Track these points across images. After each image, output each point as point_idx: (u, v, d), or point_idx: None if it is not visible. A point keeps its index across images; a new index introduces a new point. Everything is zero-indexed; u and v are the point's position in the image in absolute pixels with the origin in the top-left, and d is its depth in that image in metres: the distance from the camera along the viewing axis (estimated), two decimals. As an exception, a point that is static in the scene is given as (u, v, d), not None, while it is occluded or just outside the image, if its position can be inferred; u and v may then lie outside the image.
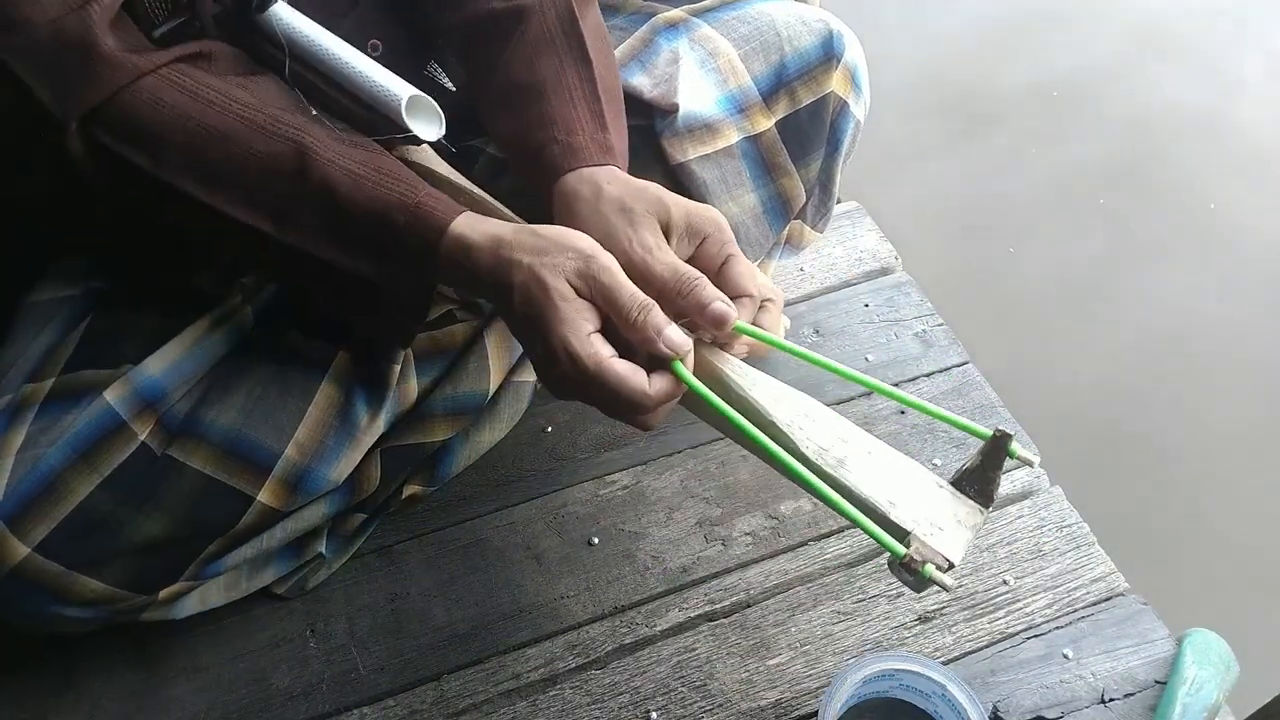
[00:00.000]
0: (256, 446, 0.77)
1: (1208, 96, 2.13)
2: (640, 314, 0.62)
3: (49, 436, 0.71)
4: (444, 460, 0.91)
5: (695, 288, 0.64)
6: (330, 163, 0.66)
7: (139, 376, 0.75)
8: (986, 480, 0.65)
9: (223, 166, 0.67)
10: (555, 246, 0.63)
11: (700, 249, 0.69)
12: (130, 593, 0.75)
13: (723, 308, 0.64)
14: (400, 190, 0.66)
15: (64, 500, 0.71)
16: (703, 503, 0.96)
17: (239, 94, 0.68)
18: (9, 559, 0.69)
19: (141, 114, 0.66)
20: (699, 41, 0.89)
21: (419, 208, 0.65)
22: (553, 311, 0.61)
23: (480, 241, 0.64)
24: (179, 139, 0.66)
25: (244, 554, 0.81)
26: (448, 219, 0.65)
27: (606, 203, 0.68)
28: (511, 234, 0.64)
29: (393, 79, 0.70)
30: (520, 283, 0.63)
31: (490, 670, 0.85)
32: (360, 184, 0.66)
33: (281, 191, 0.67)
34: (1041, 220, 1.89)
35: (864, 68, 0.91)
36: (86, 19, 0.63)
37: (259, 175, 0.66)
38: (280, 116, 0.68)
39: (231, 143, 0.66)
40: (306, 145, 0.66)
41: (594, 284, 0.62)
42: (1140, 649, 0.85)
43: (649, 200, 0.68)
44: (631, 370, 0.62)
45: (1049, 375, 1.61)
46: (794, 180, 0.89)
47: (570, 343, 0.61)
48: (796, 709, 0.82)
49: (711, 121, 0.86)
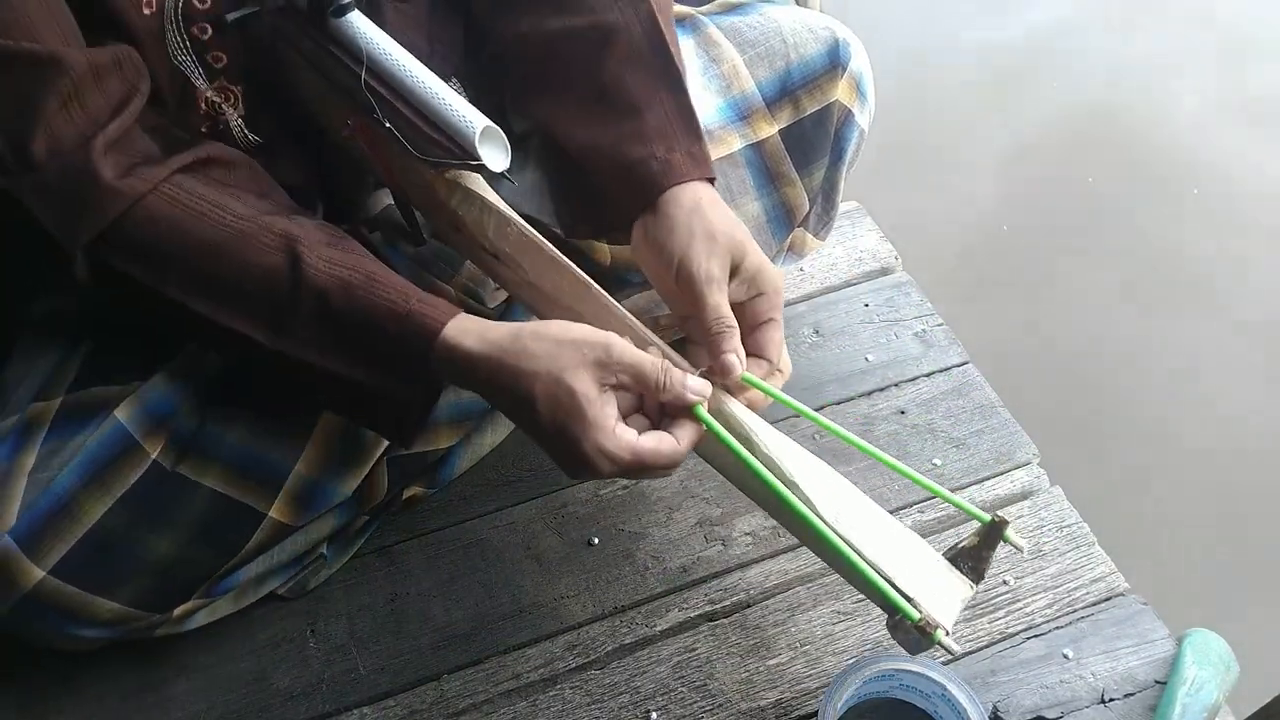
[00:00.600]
0: (267, 463, 0.77)
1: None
2: (665, 377, 0.65)
3: (60, 458, 0.71)
4: (446, 463, 0.91)
5: (725, 333, 0.69)
6: (322, 272, 0.67)
7: (150, 393, 0.75)
8: (980, 560, 0.69)
9: (219, 280, 0.68)
10: (565, 346, 0.64)
11: (751, 301, 0.73)
12: (145, 612, 0.75)
13: (734, 360, 0.69)
14: (390, 298, 0.67)
15: (78, 522, 0.71)
16: (703, 503, 0.96)
17: (233, 205, 0.69)
18: (24, 582, 0.69)
19: (141, 234, 0.67)
20: (704, 45, 0.89)
21: (409, 316, 0.66)
22: (582, 418, 0.63)
23: (480, 350, 0.65)
24: (176, 255, 0.67)
25: (254, 569, 0.81)
26: (439, 325, 0.66)
27: (699, 223, 0.71)
28: (512, 340, 0.65)
29: (468, 106, 0.70)
30: (543, 393, 0.63)
31: (490, 670, 0.85)
32: (352, 292, 0.67)
33: (277, 302, 0.67)
34: (1043, 216, 1.89)
35: (870, 76, 0.90)
36: (89, 153, 0.64)
37: (254, 287, 0.67)
38: (273, 225, 0.68)
39: (227, 256, 0.67)
40: (299, 254, 0.67)
41: (618, 366, 0.64)
42: (1140, 649, 0.85)
43: (733, 238, 0.71)
44: (658, 439, 0.65)
45: (1049, 375, 1.61)
46: (798, 189, 0.89)
47: (603, 445, 0.63)
48: (796, 709, 0.82)
49: (713, 129, 0.85)
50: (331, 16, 0.71)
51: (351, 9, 0.72)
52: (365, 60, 0.71)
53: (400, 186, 0.81)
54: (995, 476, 0.98)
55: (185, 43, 0.72)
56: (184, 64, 0.73)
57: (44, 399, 0.73)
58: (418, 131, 0.70)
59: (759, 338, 0.73)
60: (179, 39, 0.71)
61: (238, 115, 0.77)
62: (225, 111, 0.76)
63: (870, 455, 0.73)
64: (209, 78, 0.74)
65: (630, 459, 0.64)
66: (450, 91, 0.71)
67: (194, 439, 0.76)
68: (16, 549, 0.69)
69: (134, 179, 0.66)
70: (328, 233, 0.71)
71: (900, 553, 0.69)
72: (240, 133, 0.78)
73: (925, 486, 0.72)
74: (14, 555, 0.69)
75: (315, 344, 0.68)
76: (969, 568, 0.69)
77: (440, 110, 0.70)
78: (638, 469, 0.65)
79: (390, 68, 0.71)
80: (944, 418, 1.03)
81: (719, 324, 0.69)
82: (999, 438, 1.01)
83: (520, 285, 0.75)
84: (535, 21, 0.80)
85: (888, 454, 0.73)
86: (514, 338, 0.65)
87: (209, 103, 0.75)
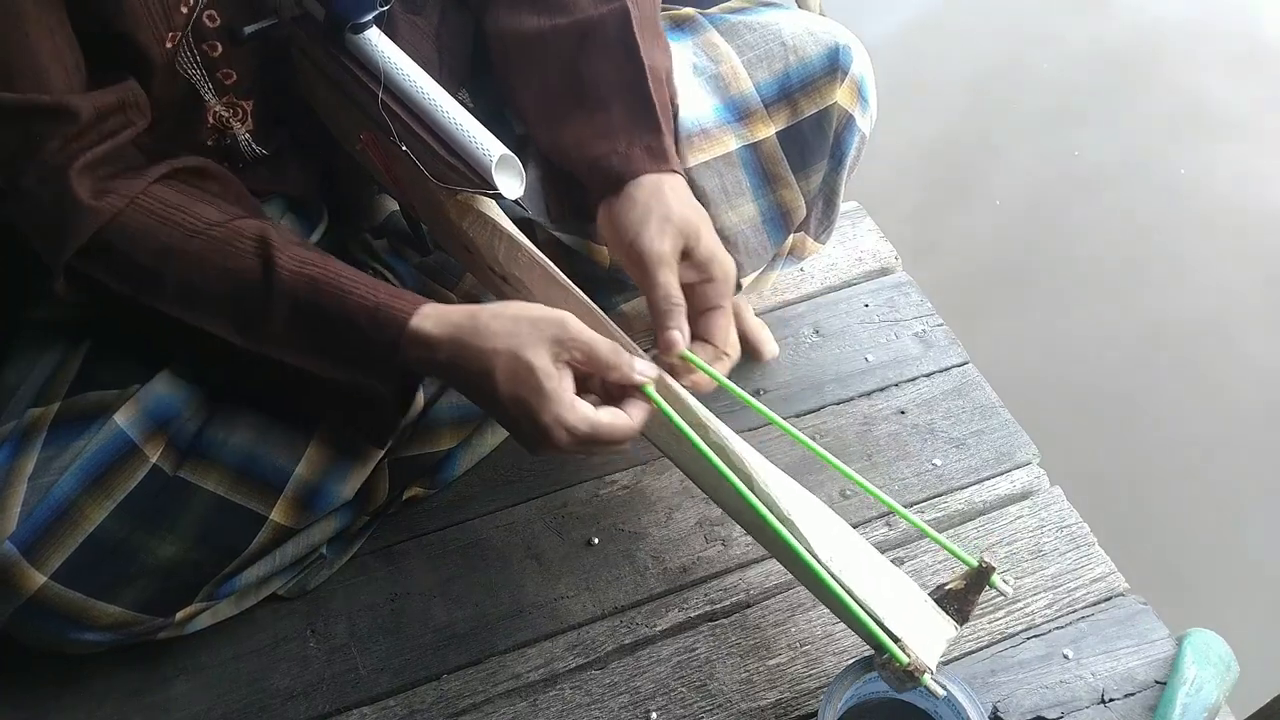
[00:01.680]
0: (268, 465, 0.77)
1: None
2: (615, 356, 0.67)
3: (60, 463, 0.71)
4: (446, 464, 0.91)
5: (670, 310, 0.72)
6: (293, 271, 0.68)
7: (149, 396, 0.75)
8: (966, 602, 0.71)
9: (195, 285, 0.69)
10: (523, 323, 0.66)
11: (701, 285, 0.75)
12: (147, 616, 0.75)
13: (676, 336, 0.72)
14: (360, 293, 0.68)
15: (79, 527, 0.71)
16: (703, 503, 0.95)
17: (206, 211, 0.70)
18: (26, 587, 0.70)
19: (118, 247, 0.68)
20: (703, 46, 0.89)
21: (378, 309, 0.67)
22: (540, 391, 0.65)
23: (440, 333, 0.67)
24: (152, 264, 0.69)
25: (256, 572, 0.81)
26: (407, 315, 0.67)
27: (656, 205, 0.73)
28: (470, 320, 0.67)
29: (485, 133, 0.71)
30: (502, 368, 0.65)
31: (490, 670, 0.85)
32: (321, 288, 0.68)
33: (251, 304, 0.69)
34: (1045, 212, 1.89)
35: (871, 80, 0.90)
36: (68, 174, 0.66)
37: (229, 290, 0.69)
38: (245, 228, 0.70)
39: (201, 261, 0.69)
40: (271, 256, 0.68)
41: (574, 344, 0.66)
42: (1140, 649, 0.85)
43: (688, 222, 0.74)
44: (612, 414, 0.67)
45: (1049, 375, 1.61)
46: (794, 191, 0.89)
47: (563, 417, 0.65)
48: (796, 709, 0.82)
49: (709, 128, 0.85)
50: (349, 33, 0.72)
51: (370, 26, 0.72)
52: (383, 80, 0.71)
53: (410, 201, 0.81)
54: (995, 476, 0.98)
55: (196, 58, 0.72)
56: (194, 78, 0.73)
57: (43, 403, 0.73)
58: (434, 155, 0.71)
59: (707, 322, 0.75)
60: (190, 54, 0.72)
61: (245, 130, 0.77)
62: (233, 126, 0.77)
63: (824, 461, 0.75)
64: (218, 93, 0.75)
65: (587, 430, 0.66)
66: (467, 116, 0.71)
67: (194, 443, 0.76)
68: (17, 554, 0.69)
69: (111, 196, 0.68)
70: (296, 234, 0.73)
71: (887, 591, 0.70)
72: (248, 146, 0.79)
73: (896, 509, 0.75)
74: (15, 561, 0.69)
75: (290, 343, 0.69)
76: (954, 610, 0.71)
77: (457, 136, 0.71)
78: (592, 442, 0.67)
79: (408, 89, 0.72)
80: (944, 418, 1.03)
81: (665, 301, 0.72)
82: (999, 438, 1.01)
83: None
84: (514, 19, 0.82)
85: (887, 455, 0.74)
86: (472, 317, 0.67)
87: (217, 116, 0.76)
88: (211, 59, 0.73)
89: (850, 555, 0.71)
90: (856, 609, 0.68)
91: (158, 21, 0.68)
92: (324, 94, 0.76)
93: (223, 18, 0.71)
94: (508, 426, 0.70)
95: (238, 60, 0.74)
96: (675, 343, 0.71)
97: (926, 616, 0.70)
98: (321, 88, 0.76)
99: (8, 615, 0.71)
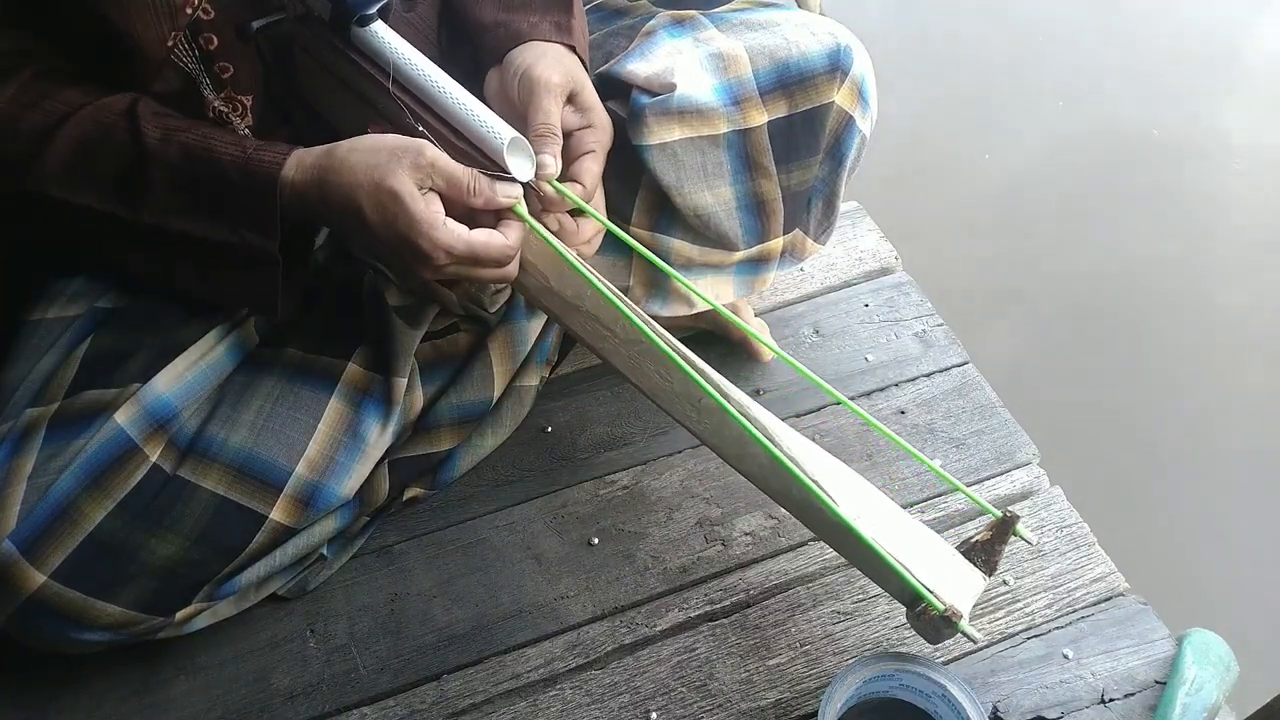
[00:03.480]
0: (268, 465, 0.77)
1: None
2: (474, 180, 0.68)
3: (59, 462, 0.71)
4: (447, 464, 0.91)
5: (548, 138, 0.73)
6: (159, 138, 0.69)
7: (149, 395, 0.75)
8: (992, 553, 0.72)
9: (74, 167, 0.70)
10: (380, 153, 0.67)
11: (581, 131, 0.77)
12: (147, 616, 0.75)
13: (549, 159, 0.72)
14: (230, 151, 0.69)
15: (78, 527, 0.71)
16: (703, 503, 0.95)
17: (71, 95, 0.71)
18: (26, 587, 0.70)
19: (6, 146, 0.69)
20: (703, 41, 0.89)
21: (249, 162, 0.69)
22: (411, 215, 0.66)
23: (302, 177, 0.68)
24: (30, 150, 0.69)
25: (256, 572, 0.81)
26: (279, 166, 0.69)
27: (551, 51, 0.77)
28: (327, 158, 0.68)
29: (494, 117, 0.71)
30: (368, 200, 0.67)
31: (490, 670, 0.85)
32: (192, 150, 0.69)
33: (129, 176, 0.70)
34: (1047, 216, 1.89)
35: (872, 81, 0.90)
36: None
37: (108, 167, 0.70)
38: (112, 104, 0.70)
39: (75, 142, 0.69)
40: (139, 127, 0.69)
41: (432, 169, 0.67)
42: (1140, 649, 0.85)
43: (575, 71, 0.77)
44: (488, 234, 0.69)
45: (1049, 374, 1.61)
46: (772, 183, 0.89)
47: (437, 237, 0.67)
48: (796, 709, 0.82)
49: (704, 108, 0.85)
50: (355, 26, 0.72)
51: (375, 19, 0.73)
52: (391, 71, 0.72)
53: None
54: (995, 476, 0.98)
55: (194, 52, 0.72)
56: (192, 71, 0.73)
57: (42, 403, 0.73)
58: (445, 141, 0.71)
59: (580, 165, 0.77)
60: (186, 47, 0.72)
61: (245, 126, 0.77)
62: (233, 121, 0.76)
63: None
64: (216, 88, 0.75)
65: (465, 249, 0.68)
66: (475, 101, 0.71)
67: (194, 442, 0.76)
68: (17, 553, 0.69)
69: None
70: (161, 105, 0.73)
71: (917, 546, 0.71)
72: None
73: (937, 473, 0.76)
74: (14, 560, 0.69)
75: (172, 209, 0.70)
76: (981, 561, 0.72)
77: (467, 121, 0.71)
78: (474, 262, 0.69)
79: (416, 78, 0.72)
80: (944, 418, 1.03)
81: (544, 128, 0.73)
82: (999, 438, 1.01)
83: (541, 291, 0.77)
84: None
85: (887, 454, 0.75)
86: (328, 154, 0.69)
87: (216, 112, 0.76)
88: (208, 52, 0.73)
89: (877, 511, 0.72)
90: (890, 559, 0.68)
91: (160, 18, 0.68)
92: (328, 90, 0.76)
93: (217, 10, 0.71)
94: (387, 262, 0.72)
95: (235, 54, 0.74)
96: (546, 165, 0.72)
97: (956, 568, 0.71)
98: (325, 84, 0.76)
99: (7, 614, 0.71)
